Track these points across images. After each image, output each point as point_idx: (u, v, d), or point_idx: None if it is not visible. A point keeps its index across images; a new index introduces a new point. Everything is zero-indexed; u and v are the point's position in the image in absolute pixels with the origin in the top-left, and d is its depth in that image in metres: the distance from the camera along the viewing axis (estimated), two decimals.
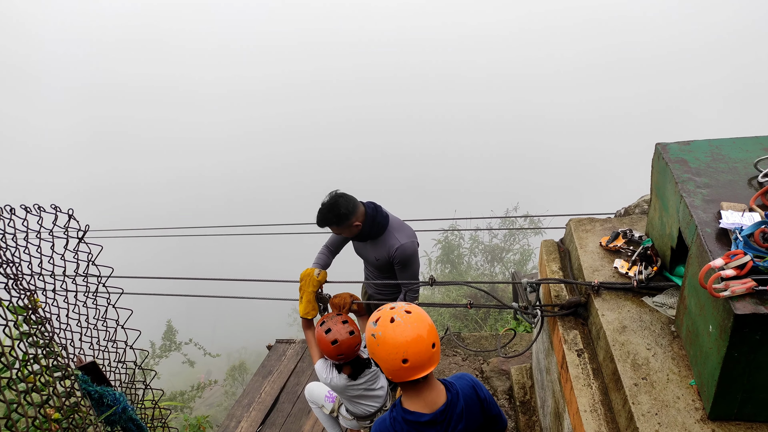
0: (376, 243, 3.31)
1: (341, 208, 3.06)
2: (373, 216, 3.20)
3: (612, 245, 2.57)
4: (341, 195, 3.13)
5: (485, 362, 4.70)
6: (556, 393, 2.64)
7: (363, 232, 3.22)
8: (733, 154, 2.15)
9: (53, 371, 1.92)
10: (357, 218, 3.14)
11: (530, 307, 2.61)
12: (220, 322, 24.53)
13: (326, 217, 3.09)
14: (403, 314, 1.77)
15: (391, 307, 1.81)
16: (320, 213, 3.10)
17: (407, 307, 1.81)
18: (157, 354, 11.84)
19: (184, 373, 15.16)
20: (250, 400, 4.58)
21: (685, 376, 1.85)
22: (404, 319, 1.75)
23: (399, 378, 1.77)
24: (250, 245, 23.56)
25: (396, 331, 1.73)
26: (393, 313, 1.77)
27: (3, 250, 1.99)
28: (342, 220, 3.08)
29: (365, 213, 3.19)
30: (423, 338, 1.73)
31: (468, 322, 10.29)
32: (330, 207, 3.07)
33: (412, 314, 1.78)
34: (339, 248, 3.55)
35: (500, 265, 13.71)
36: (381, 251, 3.30)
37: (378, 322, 1.78)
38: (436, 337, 1.80)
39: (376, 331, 1.76)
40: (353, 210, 3.11)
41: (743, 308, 1.46)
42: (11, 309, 1.78)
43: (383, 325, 1.75)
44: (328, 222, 3.11)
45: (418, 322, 1.76)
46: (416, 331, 1.74)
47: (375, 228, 3.23)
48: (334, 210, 3.06)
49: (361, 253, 3.51)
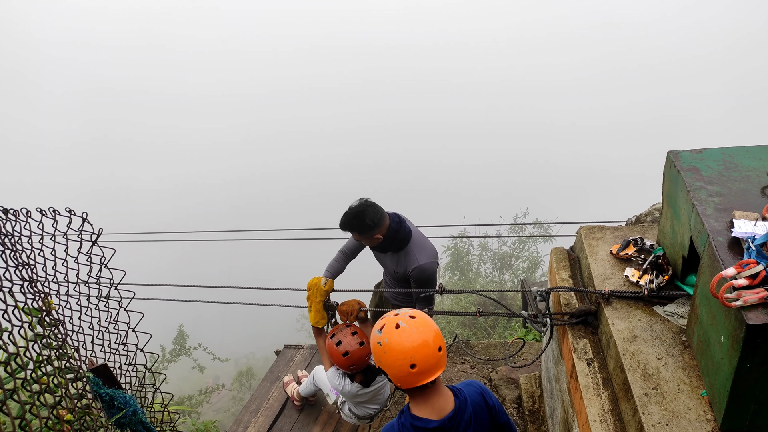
0: (396, 256, 3.30)
1: (367, 218, 3.03)
2: (396, 230, 3.17)
3: (623, 253, 2.55)
4: (370, 205, 3.09)
5: (494, 370, 4.67)
6: (566, 402, 2.62)
7: (383, 245, 3.20)
8: (746, 162, 2.14)
9: (66, 373, 1.94)
10: (380, 231, 3.11)
11: (540, 315, 2.60)
12: (228, 328, 24.59)
13: (351, 223, 3.07)
14: (407, 320, 1.77)
15: (395, 314, 1.82)
16: (345, 217, 3.07)
17: (411, 312, 1.82)
18: (166, 358, 11.89)
19: (193, 377, 15.19)
20: (258, 406, 4.58)
21: (696, 387, 1.83)
22: (409, 325, 1.75)
23: (407, 384, 1.77)
24: (259, 250, 23.64)
25: (402, 337, 1.73)
26: (398, 320, 1.77)
27: (19, 252, 2.02)
28: (365, 230, 3.06)
29: (389, 226, 3.15)
30: (429, 342, 1.74)
31: (477, 330, 10.24)
32: (356, 214, 3.05)
33: (417, 319, 1.78)
34: (355, 254, 3.54)
35: (509, 273, 13.64)
36: (400, 266, 3.29)
37: (383, 329, 1.77)
38: (442, 341, 1.80)
39: (382, 338, 1.76)
40: (379, 222, 3.08)
41: (756, 318, 1.45)
42: (26, 311, 1.81)
43: (389, 332, 1.75)
44: (350, 228, 3.09)
45: (423, 327, 1.76)
46: (422, 335, 1.74)
47: (396, 243, 3.20)
48: (360, 218, 3.03)
49: (380, 261, 3.51)
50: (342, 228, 3.13)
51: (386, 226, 3.14)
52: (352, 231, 3.12)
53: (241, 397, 15.12)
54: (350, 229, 3.10)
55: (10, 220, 2.08)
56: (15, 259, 1.96)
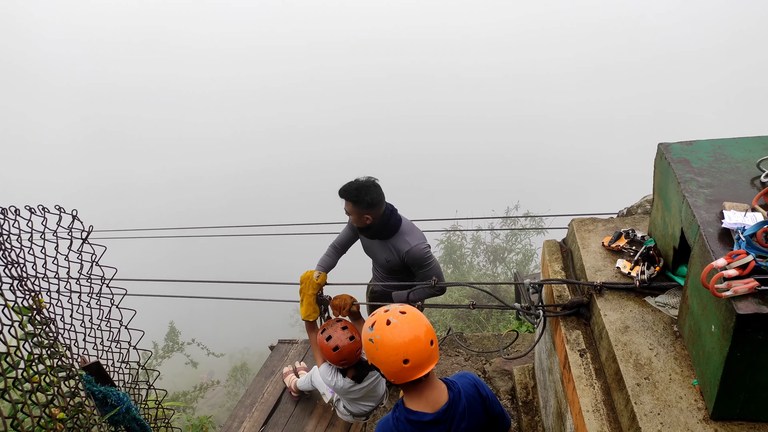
0: (384, 244, 3.31)
1: (368, 195, 3.04)
2: (388, 218, 3.20)
3: (614, 245, 2.57)
4: (377, 186, 3.11)
5: (488, 362, 4.70)
6: (559, 393, 2.64)
7: (373, 230, 3.22)
8: (736, 154, 2.15)
9: (58, 371, 1.93)
10: (373, 213, 3.12)
11: (533, 307, 2.61)
12: (222, 323, 24.56)
13: (350, 192, 3.06)
14: (398, 315, 1.77)
15: (385, 310, 1.81)
16: (349, 185, 3.07)
17: (401, 308, 1.82)
18: (160, 354, 11.86)
19: (187, 373, 15.18)
20: (253, 401, 4.58)
21: (687, 376, 1.85)
22: (400, 320, 1.75)
23: (401, 379, 1.77)
24: (254, 245, 23.60)
25: (394, 333, 1.73)
26: (388, 316, 1.77)
27: (8, 251, 2.00)
28: (361, 204, 3.06)
29: (382, 213, 3.18)
30: (421, 337, 1.74)
31: (470, 323, 10.29)
32: (360, 186, 3.05)
33: (408, 314, 1.78)
34: (346, 248, 3.55)
35: (503, 265, 13.70)
36: (391, 254, 3.29)
37: (374, 326, 1.77)
38: (434, 334, 1.81)
39: (374, 335, 1.76)
40: (376, 204, 3.09)
41: (746, 308, 1.46)
42: (16, 310, 1.79)
43: (380, 329, 1.75)
44: (348, 196, 3.07)
45: (414, 321, 1.77)
46: (414, 330, 1.74)
47: (386, 229, 3.22)
48: (362, 192, 3.03)
49: (370, 252, 3.50)
50: (340, 194, 3.10)
51: (381, 212, 3.16)
52: (349, 200, 3.09)
53: (236, 392, 15.13)
54: (347, 197, 3.08)
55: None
56: (4, 258, 1.94)
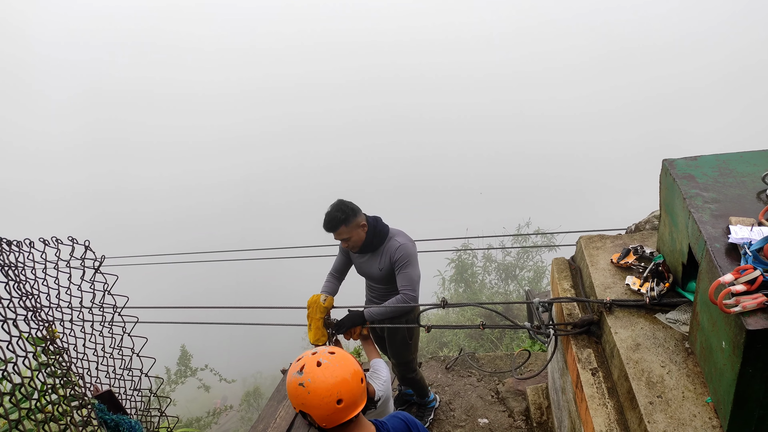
0: (377, 253, 3.37)
1: (346, 208, 3.18)
2: (375, 225, 3.31)
3: (623, 262, 2.56)
4: (341, 200, 3.26)
5: (501, 383, 4.64)
6: (572, 413, 2.61)
7: (366, 242, 3.29)
8: (741, 168, 2.15)
9: (70, 400, 1.95)
10: (362, 219, 3.24)
11: (543, 326, 2.60)
12: (234, 348, 24.44)
13: (334, 217, 3.16)
14: (328, 356, 1.75)
15: (313, 353, 1.78)
16: (328, 215, 3.18)
17: (329, 348, 1.81)
18: (172, 380, 11.84)
19: (200, 398, 15.09)
20: (266, 426, 4.55)
21: (701, 393, 1.83)
22: (331, 360, 1.74)
23: (333, 422, 1.73)
24: (265, 266, 23.56)
25: (326, 374, 1.70)
26: (317, 357, 1.74)
27: (22, 282, 2.04)
28: (350, 216, 3.17)
29: (367, 221, 3.29)
30: (351, 376, 1.74)
31: (483, 342, 10.19)
32: (336, 206, 3.19)
33: (337, 354, 1.77)
34: (344, 273, 3.62)
35: (514, 283, 13.59)
36: (384, 258, 3.35)
37: (303, 370, 1.72)
38: (362, 372, 1.80)
39: (304, 379, 1.70)
40: (357, 210, 3.23)
41: (755, 323, 1.45)
42: (30, 341, 1.82)
43: (311, 371, 1.71)
44: (336, 221, 3.16)
45: (344, 360, 1.76)
46: (345, 369, 1.73)
47: (377, 237, 3.31)
48: (342, 207, 3.17)
49: (363, 270, 3.53)
50: (327, 227, 3.19)
51: (365, 218, 3.28)
52: (339, 225, 3.17)
53: (250, 417, 14.99)
54: (335, 223, 3.16)
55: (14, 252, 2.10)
56: (19, 289, 1.98)
